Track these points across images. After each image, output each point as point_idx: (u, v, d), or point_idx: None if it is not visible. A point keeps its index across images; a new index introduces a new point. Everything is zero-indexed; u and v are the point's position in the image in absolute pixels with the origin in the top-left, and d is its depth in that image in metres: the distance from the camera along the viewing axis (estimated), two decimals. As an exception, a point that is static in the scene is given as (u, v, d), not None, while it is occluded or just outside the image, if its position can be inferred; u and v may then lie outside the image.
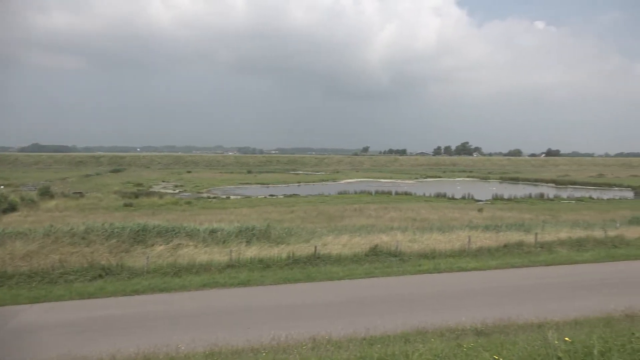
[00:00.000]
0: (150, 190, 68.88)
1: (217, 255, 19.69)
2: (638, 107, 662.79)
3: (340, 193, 65.95)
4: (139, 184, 78.77)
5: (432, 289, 16.61)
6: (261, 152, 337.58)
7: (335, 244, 22.04)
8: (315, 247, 20.18)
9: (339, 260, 19.62)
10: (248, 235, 22.44)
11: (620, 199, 62.16)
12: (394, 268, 18.97)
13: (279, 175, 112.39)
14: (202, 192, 68.56)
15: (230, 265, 18.39)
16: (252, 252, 20.12)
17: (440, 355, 6.77)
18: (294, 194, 64.79)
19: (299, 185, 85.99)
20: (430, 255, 20.65)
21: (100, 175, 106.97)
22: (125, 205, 46.96)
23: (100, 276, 16.95)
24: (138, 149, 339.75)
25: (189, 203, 50.40)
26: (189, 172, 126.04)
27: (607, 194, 69.56)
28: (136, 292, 15.63)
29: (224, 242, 21.62)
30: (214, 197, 59.68)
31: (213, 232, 22.54)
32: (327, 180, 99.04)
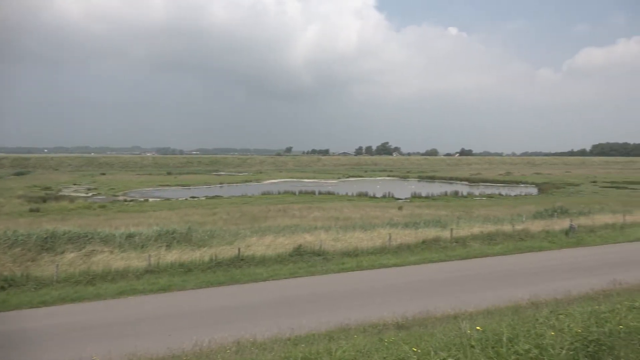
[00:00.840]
0: (60, 194, 64.55)
1: (135, 260, 18.82)
2: (540, 110, 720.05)
3: (263, 193, 65.56)
4: (47, 188, 73.42)
5: (356, 286, 16.94)
6: (181, 152, 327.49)
7: (259, 245, 21.84)
8: (239, 249, 19.89)
9: (263, 261, 19.48)
10: (168, 238, 21.65)
11: (525, 195, 66.98)
12: (318, 267, 19.15)
13: (201, 177, 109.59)
14: (118, 195, 65.23)
15: (149, 271, 17.66)
16: (172, 256, 19.44)
17: (363, 350, 6.89)
18: (216, 196, 63.47)
19: (221, 186, 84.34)
20: (353, 253, 21.06)
21: (2, 178, 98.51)
22: (31, 210, 43.63)
23: (3, 288, 15.61)
24: (45, 150, 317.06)
25: (103, 207, 47.78)
26: (104, 174, 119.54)
27: (514, 191, 74.62)
28: (44, 303, 14.57)
29: (142, 246, 20.70)
30: (131, 200, 57.00)
31: (130, 236, 21.52)
32: (251, 181, 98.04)
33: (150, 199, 58.53)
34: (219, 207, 46.61)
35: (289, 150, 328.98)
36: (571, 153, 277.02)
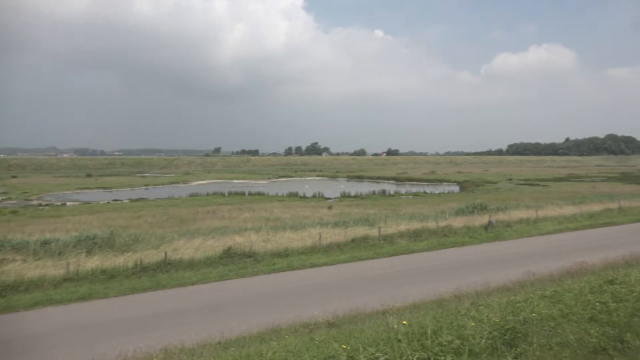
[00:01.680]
0: (-35, 199, 59.36)
1: (52, 269, 17.64)
2: (461, 112, 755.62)
3: (191, 195, 63.98)
4: (-51, 193, 67.30)
5: (287, 286, 16.94)
6: (102, 153, 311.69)
7: (188, 248, 21.26)
8: (166, 253, 19.24)
9: (191, 264, 18.99)
10: (88, 244, 20.51)
11: (448, 192, 70.14)
12: (249, 269, 18.96)
13: (124, 179, 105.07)
14: (31, 199, 60.97)
15: (67, 279, 16.64)
16: (93, 262, 18.43)
17: (294, 350, 6.91)
18: (141, 198, 61.10)
19: (146, 189, 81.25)
20: (283, 254, 21.04)
21: None
22: None
23: None
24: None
25: (14, 212, 44.50)
26: (15, 177, 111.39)
27: (438, 189, 77.94)
28: (-54, 319, 13.32)
29: (59, 253, 19.45)
30: (47, 205, 53.48)
31: (46, 243, 20.19)
32: (178, 183, 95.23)
33: (68, 203, 55.25)
34: (144, 210, 44.88)
35: (217, 150, 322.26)
36: (489, 152, 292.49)
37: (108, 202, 56.89)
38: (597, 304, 7.79)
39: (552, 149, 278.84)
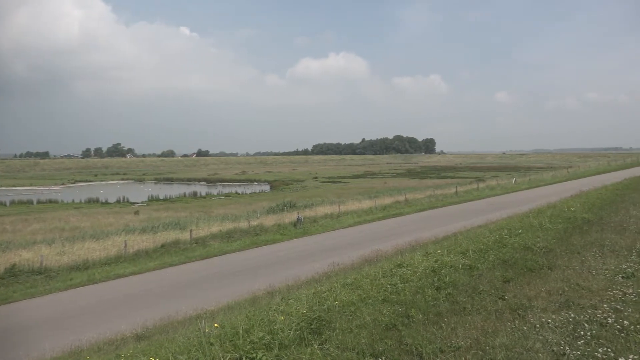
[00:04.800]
0: None
1: None
2: (269, 113, 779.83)
3: (-41, 208, 53.87)
4: None
5: (87, 302, 15.37)
6: None
7: (-44, 271, 17.79)
8: None
9: (-41, 290, 15.95)
10: None
11: (260, 192, 71.90)
12: (39, 287, 16.72)
13: None
14: None
15: None
16: None
17: (95, 372, 6.30)
18: None
19: None
20: (83, 267, 19.14)
21: None
22: None
23: None
24: None
25: None
26: None
27: (250, 189, 79.36)
28: None
29: None
30: None
31: None
32: (-62, 193, 79.06)
33: None
34: None
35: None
36: (296, 152, 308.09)
37: None
38: (389, 286, 8.77)
39: (351, 149, 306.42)
